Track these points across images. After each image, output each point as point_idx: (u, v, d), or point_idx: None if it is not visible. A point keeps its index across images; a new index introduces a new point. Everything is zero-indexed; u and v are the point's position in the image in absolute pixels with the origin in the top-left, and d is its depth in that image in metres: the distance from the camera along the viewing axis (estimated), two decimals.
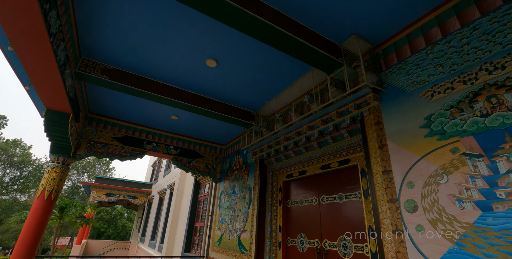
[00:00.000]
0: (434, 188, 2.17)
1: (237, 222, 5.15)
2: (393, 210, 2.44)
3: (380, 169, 2.64)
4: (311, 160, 4.01)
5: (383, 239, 2.48)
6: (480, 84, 2.03)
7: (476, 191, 1.92)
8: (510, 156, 1.79)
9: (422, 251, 2.16)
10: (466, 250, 1.90)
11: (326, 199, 3.77)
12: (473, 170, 1.96)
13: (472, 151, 1.99)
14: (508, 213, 1.75)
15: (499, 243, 1.75)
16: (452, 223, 2.01)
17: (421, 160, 2.30)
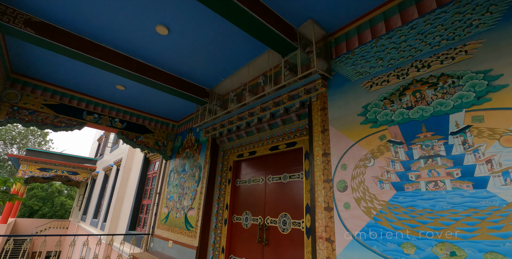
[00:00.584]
0: (362, 170, 2.45)
1: (185, 200, 5.19)
2: (327, 189, 2.71)
3: (320, 152, 2.86)
4: (261, 141, 4.14)
5: (316, 215, 2.76)
6: (410, 79, 2.28)
7: (394, 174, 2.23)
8: (423, 144, 2.10)
9: (346, 225, 2.47)
10: (380, 224, 2.23)
11: (272, 179, 3.99)
12: (394, 156, 2.25)
13: (396, 138, 2.27)
14: (415, 192, 2.07)
15: (405, 218, 2.09)
16: (373, 201, 2.32)
17: (355, 145, 2.56)
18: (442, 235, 1.86)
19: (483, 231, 1.70)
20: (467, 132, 1.89)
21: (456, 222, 1.82)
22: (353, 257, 2.32)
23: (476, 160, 1.82)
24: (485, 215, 1.72)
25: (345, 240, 2.43)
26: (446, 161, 1.96)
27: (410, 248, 2.00)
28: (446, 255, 1.82)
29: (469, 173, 1.83)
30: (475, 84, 1.91)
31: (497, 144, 1.75)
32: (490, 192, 1.72)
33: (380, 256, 2.16)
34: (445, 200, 1.91)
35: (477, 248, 1.70)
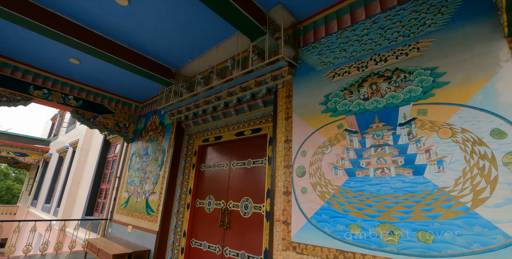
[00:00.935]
0: (320, 157, 2.60)
1: (146, 184, 5.09)
2: (287, 174, 2.84)
3: (283, 138, 2.96)
4: (227, 126, 4.15)
5: (275, 199, 2.89)
6: (368, 72, 2.42)
7: (347, 161, 2.40)
8: (374, 134, 2.27)
9: (302, 208, 2.63)
10: (332, 207, 2.41)
11: (236, 164, 4.06)
12: (349, 144, 2.41)
13: (351, 128, 2.43)
14: (364, 178, 2.26)
15: (354, 201, 2.28)
16: (327, 186, 2.49)
17: (315, 133, 2.68)
18: (384, 217, 2.08)
19: (417, 212, 1.93)
20: (412, 123, 2.08)
21: (396, 205, 2.04)
22: (306, 238, 2.50)
23: (417, 149, 2.02)
24: (420, 198, 1.94)
25: (300, 223, 2.60)
26: (393, 150, 2.15)
27: (356, 229, 2.20)
28: (386, 234, 2.04)
29: (411, 161, 2.04)
30: (423, 80, 2.09)
31: (435, 136, 1.96)
32: (426, 178, 1.95)
33: (329, 236, 2.35)
34: (389, 185, 2.11)
35: (411, 228, 1.94)
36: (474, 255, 1.66)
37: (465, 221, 1.73)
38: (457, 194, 1.79)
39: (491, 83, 1.79)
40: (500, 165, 1.68)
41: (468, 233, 1.71)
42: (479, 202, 1.70)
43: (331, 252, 2.30)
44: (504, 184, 1.64)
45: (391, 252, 1.98)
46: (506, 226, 1.59)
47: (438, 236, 1.81)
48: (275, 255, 2.71)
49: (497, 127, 1.72)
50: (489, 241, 1.63)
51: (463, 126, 1.85)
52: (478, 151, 1.76)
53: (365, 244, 2.12)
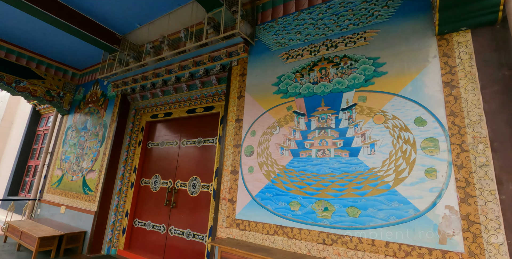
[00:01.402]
0: (269, 137, 2.72)
1: (84, 162, 4.78)
2: (236, 154, 2.93)
3: (234, 117, 3.01)
4: (178, 103, 4.04)
5: (222, 178, 2.98)
6: (319, 56, 2.55)
7: (293, 142, 2.56)
8: (319, 117, 2.45)
9: (248, 187, 2.77)
10: (276, 185, 2.59)
11: (186, 143, 4.03)
12: (296, 125, 2.57)
13: (300, 110, 2.57)
14: (307, 158, 2.46)
15: (296, 180, 2.48)
16: (273, 165, 2.65)
17: (266, 113, 2.78)
18: (321, 195, 2.31)
19: (349, 190, 2.19)
20: (353, 109, 2.29)
21: (332, 183, 2.28)
22: (250, 215, 2.67)
23: (355, 133, 2.25)
24: (353, 178, 2.20)
25: (245, 201, 2.75)
26: (334, 132, 2.35)
27: (296, 206, 2.42)
28: (321, 210, 2.29)
29: (348, 144, 2.27)
30: (365, 69, 2.29)
31: (371, 121, 2.20)
32: (359, 160, 2.20)
33: (272, 213, 2.55)
34: (328, 165, 2.34)
35: (343, 204, 2.20)
36: (390, 226, 1.97)
37: (386, 197, 2.03)
38: (383, 174, 2.07)
39: (420, 76, 2.04)
40: (419, 149, 1.97)
41: (387, 208, 2.01)
42: (399, 181, 2.00)
43: (272, 228, 2.50)
44: (420, 166, 1.95)
45: (324, 226, 2.24)
46: (417, 201, 1.91)
47: (364, 211, 2.09)
48: (218, 232, 2.85)
49: (420, 116, 2.00)
50: (403, 214, 1.94)
51: (394, 114, 2.10)
52: (403, 136, 2.04)
53: (303, 219, 2.36)
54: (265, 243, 2.50)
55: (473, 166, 1.77)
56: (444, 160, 1.87)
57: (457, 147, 1.84)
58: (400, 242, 1.91)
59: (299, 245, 2.33)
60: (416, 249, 1.85)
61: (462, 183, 1.79)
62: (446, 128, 1.90)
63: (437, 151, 1.90)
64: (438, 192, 1.84)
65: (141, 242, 4.05)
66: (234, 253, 2.31)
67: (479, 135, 1.79)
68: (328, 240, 2.19)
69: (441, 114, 1.93)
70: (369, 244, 2.02)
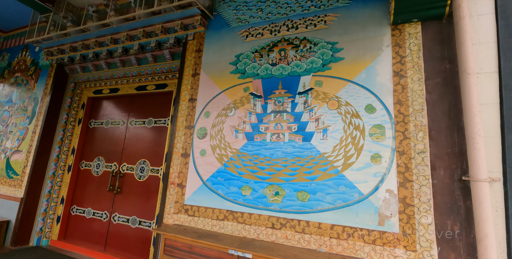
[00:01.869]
0: (223, 119, 2.68)
1: (8, 141, 4.26)
2: (188, 136, 2.84)
3: (187, 96, 2.89)
4: (126, 78, 3.76)
5: (172, 161, 2.89)
6: (280, 37, 2.54)
7: (248, 125, 2.56)
8: (276, 100, 2.46)
9: (199, 171, 2.73)
10: (228, 170, 2.58)
11: (135, 123, 3.80)
12: (252, 108, 2.56)
13: (257, 92, 2.56)
14: (261, 142, 2.48)
15: (249, 164, 2.49)
16: (226, 149, 2.63)
17: (221, 94, 2.72)
18: (273, 179, 2.37)
19: (300, 175, 2.27)
20: (309, 93, 2.34)
21: (285, 168, 2.34)
22: (199, 200, 2.64)
23: (309, 118, 2.32)
24: (305, 162, 2.28)
25: (195, 185, 2.71)
26: (289, 116, 2.39)
27: (247, 190, 2.45)
28: (272, 194, 2.35)
29: (302, 128, 2.33)
30: (324, 53, 2.33)
31: (325, 107, 2.27)
32: (312, 145, 2.28)
33: (223, 198, 2.55)
34: (281, 150, 2.38)
35: (294, 188, 2.28)
36: (336, 210, 2.10)
37: (334, 182, 2.14)
38: (333, 159, 2.18)
39: (373, 64, 2.15)
40: (367, 135, 2.10)
41: (335, 192, 2.13)
42: (347, 166, 2.12)
43: (222, 213, 2.51)
44: (367, 151, 2.08)
45: (274, 210, 2.31)
46: (362, 186, 2.05)
47: (313, 195, 2.20)
48: (165, 219, 2.79)
49: (370, 103, 2.12)
50: (348, 198, 2.08)
51: (348, 100, 2.19)
52: (354, 122, 2.15)
53: (254, 204, 2.40)
54: (214, 229, 2.51)
55: (413, 152, 1.94)
56: (388, 147, 2.02)
57: (401, 135, 2.00)
58: (344, 224, 2.05)
59: (248, 230, 2.38)
60: (357, 231, 2.00)
61: (402, 168, 1.95)
62: (392, 116, 2.04)
63: (383, 137, 2.04)
64: (381, 176, 2.00)
65: (80, 231, 3.81)
66: (179, 241, 2.28)
67: (420, 124, 1.95)
68: (277, 224, 2.27)
69: (389, 102, 2.06)
70: (316, 228, 2.13)
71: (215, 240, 2.19)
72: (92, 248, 3.61)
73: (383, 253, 1.90)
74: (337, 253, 2.02)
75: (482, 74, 1.87)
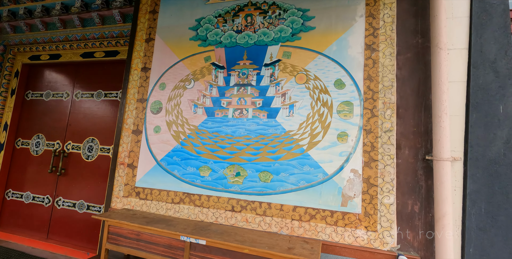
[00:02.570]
0: (181, 92, 2.49)
1: None
2: (140, 110, 2.62)
3: (140, 65, 2.64)
4: (69, 42, 3.36)
5: (121, 138, 2.67)
6: (247, 0, 2.35)
7: (209, 99, 2.40)
8: (240, 72, 2.31)
9: (152, 150, 2.54)
10: (185, 148, 2.43)
11: (81, 95, 3.46)
12: (214, 80, 2.39)
13: (219, 62, 2.38)
14: (223, 119, 2.34)
15: (209, 143, 2.36)
16: (184, 125, 2.46)
17: (179, 63, 2.51)
18: (234, 159, 2.26)
19: (264, 154, 2.19)
20: (276, 65, 2.22)
21: (247, 147, 2.24)
22: (152, 182, 2.48)
23: (275, 92, 2.21)
24: (269, 141, 2.19)
25: (148, 166, 2.54)
26: (254, 91, 2.27)
27: (206, 171, 2.33)
28: (233, 175, 2.25)
29: (267, 104, 2.22)
30: (294, 21, 2.20)
31: (293, 81, 2.17)
32: (277, 122, 2.19)
33: (178, 179, 2.41)
34: (244, 127, 2.27)
35: (256, 169, 2.20)
36: (300, 191, 2.07)
37: (299, 161, 2.09)
38: (298, 138, 2.11)
39: (345, 35, 2.06)
40: (335, 113, 2.04)
41: (299, 172, 2.08)
42: (313, 145, 2.07)
43: (178, 195, 2.39)
44: (333, 129, 2.04)
45: (235, 192, 2.23)
46: (326, 165, 2.02)
47: (276, 176, 2.14)
48: (114, 203, 2.61)
49: (340, 78, 2.05)
50: (312, 178, 2.04)
51: (316, 74, 2.11)
52: (322, 98, 2.08)
53: (213, 185, 2.30)
54: (169, 213, 2.39)
55: (380, 131, 1.93)
56: (355, 125, 1.98)
57: (369, 112, 1.97)
58: (306, 206, 2.03)
59: (206, 213, 2.29)
60: (320, 212, 1.99)
61: (368, 147, 1.94)
62: (361, 92, 1.99)
63: (351, 115, 2.00)
64: (347, 156, 1.98)
65: (17, 218, 3.50)
66: (124, 227, 2.12)
67: (389, 101, 1.93)
68: (238, 207, 2.20)
69: (359, 78, 2.01)
70: (278, 209, 2.09)
71: (166, 225, 2.07)
72: (32, 236, 3.35)
73: (344, 234, 1.91)
74: (298, 235, 2.01)
75: (453, 50, 1.86)
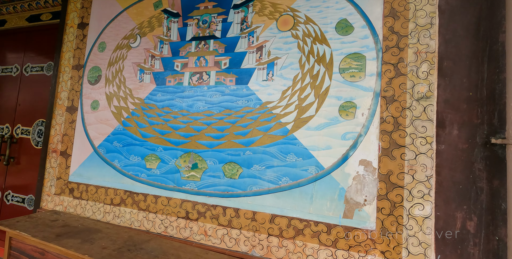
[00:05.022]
0: (124, 53, 1.77)
1: None
2: (75, 80, 1.92)
3: (76, 20, 1.94)
4: (13, 4, 2.69)
5: (54, 118, 1.98)
6: None
7: (159, 61, 1.67)
8: (200, 19, 1.57)
9: (89, 132, 1.84)
10: (128, 130, 1.72)
11: (31, 69, 2.80)
12: (166, 34, 1.66)
13: (172, 8, 1.65)
14: (176, 87, 1.61)
15: (157, 122, 1.64)
16: (127, 98, 1.74)
17: (123, 13, 1.79)
18: (190, 144, 1.54)
19: (230, 137, 1.45)
20: (250, 6, 1.46)
21: (208, 127, 1.51)
22: (89, 176, 1.79)
23: (248, 46, 1.45)
24: (237, 117, 1.45)
25: (85, 154, 1.84)
26: (218, 45, 1.52)
27: (154, 162, 1.62)
28: (188, 168, 1.53)
29: (237, 64, 1.47)
30: None
31: (273, 27, 1.41)
32: (250, 89, 1.44)
33: (120, 173, 1.71)
34: (204, 98, 1.54)
35: (219, 159, 1.47)
36: (281, 192, 1.32)
37: (280, 148, 1.34)
38: (280, 112, 1.36)
39: None
40: (336, 72, 1.28)
41: (280, 164, 1.34)
42: (301, 123, 1.31)
43: (118, 194, 1.68)
44: (333, 99, 1.27)
45: (190, 192, 1.50)
46: (322, 154, 1.26)
47: (247, 169, 1.40)
48: (44, 202, 1.95)
49: (345, 18, 1.28)
50: (300, 174, 1.30)
51: (309, 14, 1.34)
52: (317, 51, 1.31)
53: (162, 182, 1.58)
54: (108, 218, 1.69)
55: (409, 98, 1.15)
56: (369, 90, 1.22)
57: (391, 69, 1.19)
58: (290, 215, 1.29)
59: (153, 220, 1.58)
60: (311, 226, 1.24)
61: (389, 125, 1.17)
62: (380, 38, 1.22)
63: (362, 75, 1.23)
64: (354, 139, 1.21)
65: None
66: (27, 242, 1.42)
67: (425, 50, 1.15)
68: (194, 213, 1.48)
69: (376, 15, 1.23)
70: (249, 219, 1.36)
71: (82, 241, 1.35)
72: None
73: None
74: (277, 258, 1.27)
75: None
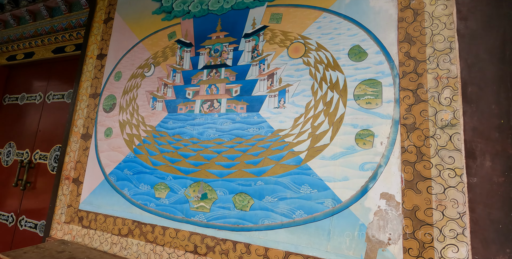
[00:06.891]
0: (138, 82, 1.77)
1: None
2: (91, 108, 1.93)
3: (96, 51, 1.99)
4: (40, 37, 2.84)
5: (69, 145, 1.98)
6: None
7: (171, 89, 1.65)
8: (212, 48, 1.56)
9: (101, 160, 1.81)
10: (139, 158, 1.67)
11: (53, 97, 2.88)
12: (178, 63, 1.65)
13: (186, 38, 1.66)
14: (187, 115, 1.57)
15: (168, 150, 1.59)
16: (139, 126, 1.72)
17: (139, 45, 1.82)
18: (200, 172, 1.46)
19: (241, 166, 1.37)
20: (261, 35, 1.44)
21: (218, 155, 1.44)
22: (99, 204, 1.73)
23: (259, 73, 1.41)
24: (248, 146, 1.38)
25: (96, 181, 1.80)
26: (229, 73, 1.49)
27: (163, 191, 1.54)
28: (197, 198, 1.44)
29: (248, 91, 1.43)
30: None
31: (285, 54, 1.37)
32: (261, 117, 1.37)
33: (129, 202, 1.64)
34: (215, 126, 1.48)
35: (230, 189, 1.38)
36: (295, 227, 1.20)
37: (293, 178, 1.25)
38: (292, 141, 1.28)
39: None
40: (350, 99, 1.20)
41: (293, 196, 1.23)
42: (315, 152, 1.22)
43: (126, 225, 1.60)
44: (349, 127, 1.18)
45: (199, 224, 1.40)
46: (339, 186, 1.15)
47: (258, 201, 1.30)
48: (54, 231, 1.88)
49: (358, 44, 1.22)
50: (316, 207, 1.18)
51: (320, 41, 1.30)
52: (330, 78, 1.25)
53: (170, 212, 1.50)
54: (114, 250, 1.60)
55: (432, 126, 1.05)
56: (387, 117, 1.12)
57: (410, 95, 1.11)
58: (306, 253, 1.16)
59: (160, 253, 1.47)
60: None
61: (411, 155, 1.06)
62: (396, 64, 1.15)
63: (379, 101, 1.15)
64: (373, 170, 1.11)
65: None
66: None
67: (446, 75, 1.06)
68: (202, 248, 1.37)
69: (391, 40, 1.17)
70: (261, 256, 1.23)
71: None
72: None
73: None
74: None
75: None
